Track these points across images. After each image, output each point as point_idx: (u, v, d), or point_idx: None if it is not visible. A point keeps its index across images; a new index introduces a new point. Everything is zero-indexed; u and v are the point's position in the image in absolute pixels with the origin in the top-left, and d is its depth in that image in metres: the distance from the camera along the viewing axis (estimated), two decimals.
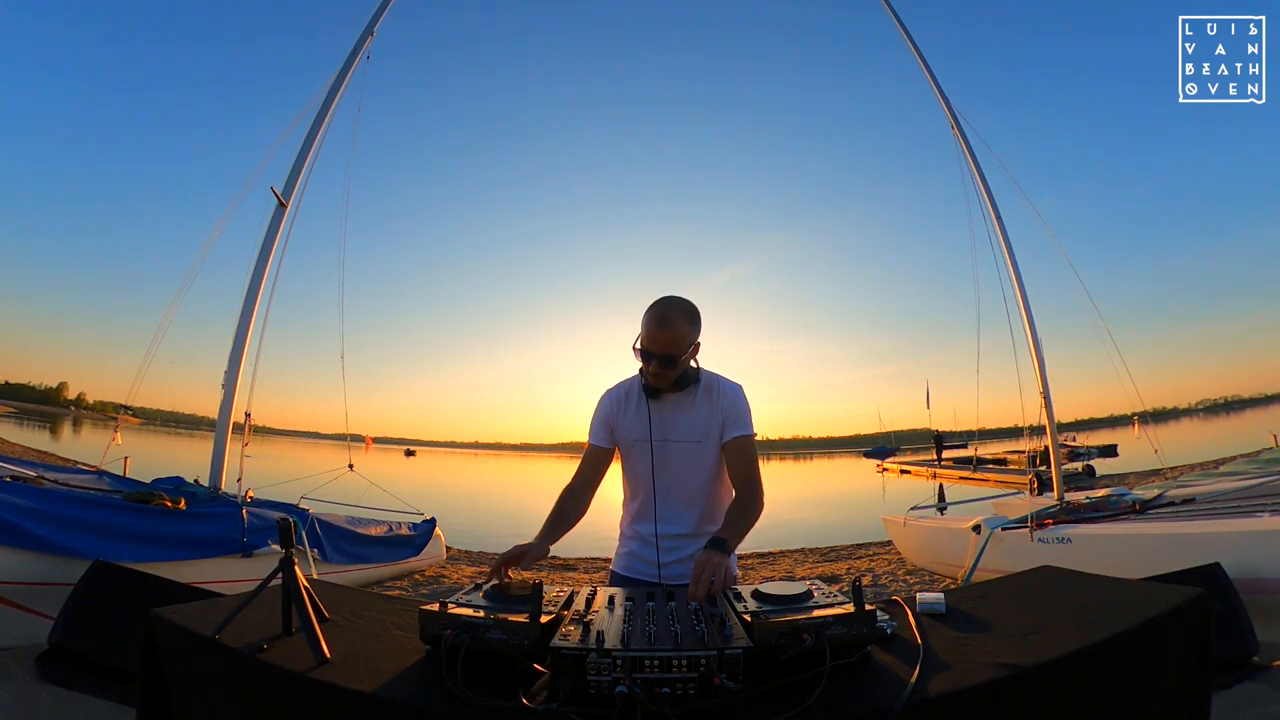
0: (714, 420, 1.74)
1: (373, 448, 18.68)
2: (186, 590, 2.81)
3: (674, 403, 1.75)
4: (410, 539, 6.59)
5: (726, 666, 1.00)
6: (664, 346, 1.64)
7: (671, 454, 1.75)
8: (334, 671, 1.14)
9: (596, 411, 1.84)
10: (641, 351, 1.67)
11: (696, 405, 1.74)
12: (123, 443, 5.46)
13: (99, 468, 5.11)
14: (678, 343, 1.64)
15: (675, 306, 1.67)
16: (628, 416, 1.79)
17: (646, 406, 1.75)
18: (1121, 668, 1.21)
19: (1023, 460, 17.43)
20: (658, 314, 1.65)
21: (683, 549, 1.77)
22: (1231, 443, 18.81)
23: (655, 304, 1.68)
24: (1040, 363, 5.68)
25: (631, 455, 1.80)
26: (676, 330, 1.64)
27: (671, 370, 1.67)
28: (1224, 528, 3.55)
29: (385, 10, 6.17)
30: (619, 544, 1.91)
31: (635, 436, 1.77)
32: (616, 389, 1.84)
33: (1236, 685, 2.60)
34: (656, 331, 1.64)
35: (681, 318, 1.66)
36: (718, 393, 1.75)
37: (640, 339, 1.68)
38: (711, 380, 1.77)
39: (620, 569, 1.88)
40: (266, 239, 5.13)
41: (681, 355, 1.66)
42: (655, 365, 1.65)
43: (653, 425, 1.75)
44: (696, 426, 1.74)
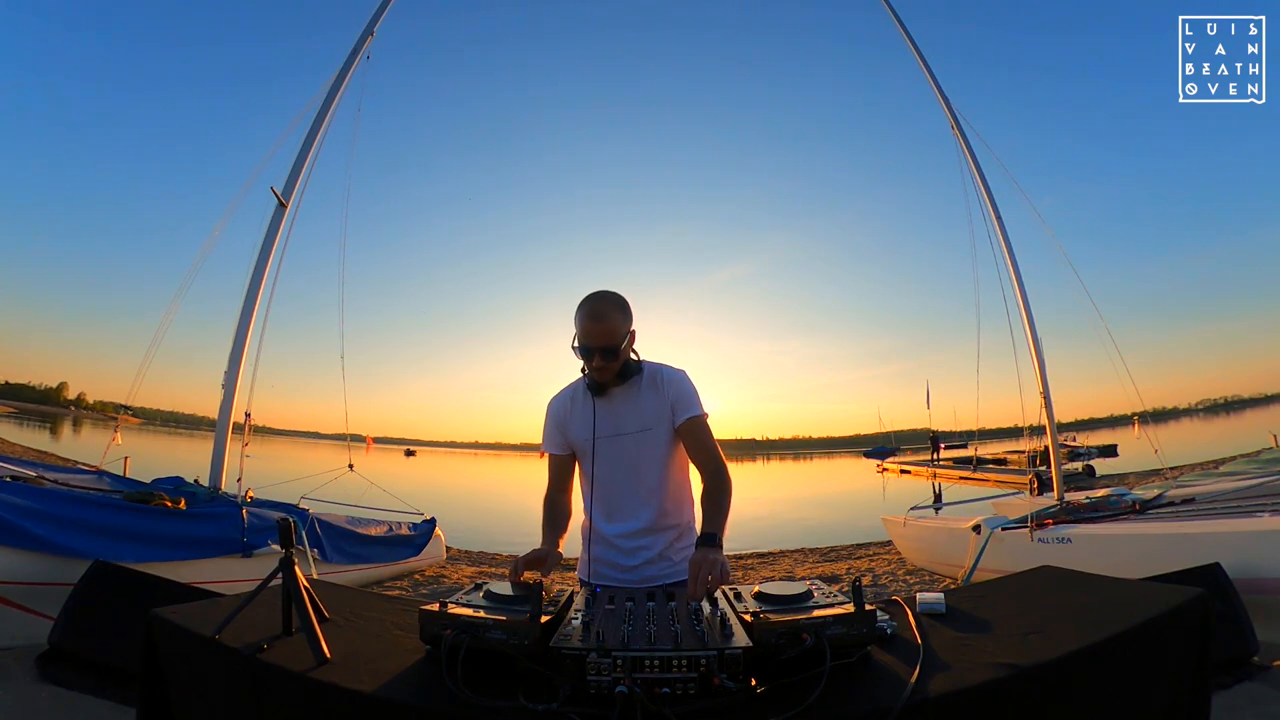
0: (662, 407, 1.74)
1: (373, 448, 18.66)
2: (186, 590, 2.81)
3: (619, 396, 1.75)
4: (410, 539, 6.59)
5: (726, 666, 1.00)
6: (601, 339, 1.64)
7: (625, 447, 1.74)
8: (334, 671, 1.14)
9: (546, 420, 1.84)
10: (581, 349, 1.68)
11: (642, 395, 1.75)
12: (123, 443, 5.46)
13: (99, 468, 5.11)
14: (614, 334, 1.65)
15: (605, 299, 1.68)
16: (575, 417, 1.79)
17: (592, 403, 1.75)
18: (1121, 668, 1.20)
19: (1023, 460, 17.43)
20: (590, 309, 1.66)
21: (649, 547, 1.75)
22: (1231, 443, 18.81)
23: (585, 300, 1.69)
24: (1040, 363, 5.68)
25: (585, 456, 1.79)
26: (610, 321, 1.65)
27: (614, 362, 1.67)
28: (1224, 528, 3.55)
29: (385, 10, 6.17)
30: (582, 550, 1.88)
31: (583, 434, 1.77)
32: (562, 394, 1.85)
33: (1236, 685, 2.60)
34: (592, 325, 1.65)
35: (613, 308, 1.67)
36: (661, 380, 1.76)
37: (576, 337, 1.68)
38: (654, 369, 1.77)
39: (585, 575, 1.84)
40: (266, 239, 5.12)
41: (620, 345, 1.67)
42: (598, 359, 1.66)
43: (602, 420, 1.74)
44: (645, 415, 1.74)
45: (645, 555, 1.75)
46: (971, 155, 6.26)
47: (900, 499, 11.25)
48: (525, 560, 1.47)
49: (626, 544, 1.76)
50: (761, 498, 22.80)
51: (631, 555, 1.76)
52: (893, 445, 54.56)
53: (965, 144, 6.30)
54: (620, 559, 1.77)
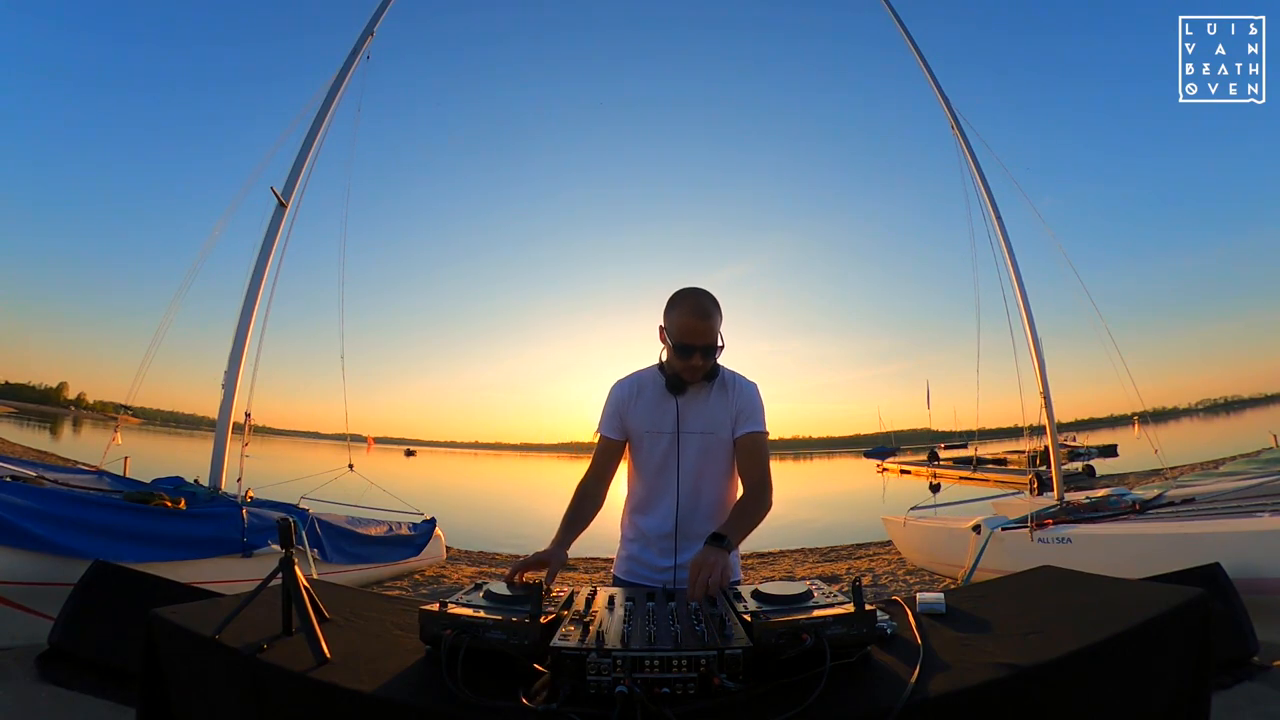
0: (727, 414, 1.72)
1: (374, 448, 18.63)
2: (186, 590, 2.81)
3: (691, 396, 1.73)
4: (410, 539, 6.59)
5: (726, 666, 1.00)
6: (705, 337, 1.63)
7: (686, 447, 1.72)
8: (334, 671, 1.13)
9: (608, 402, 1.80)
10: (681, 346, 1.64)
11: (712, 398, 1.73)
12: (123, 443, 5.46)
13: (99, 468, 5.12)
14: (715, 333, 1.64)
15: (707, 297, 1.66)
16: (641, 408, 1.76)
17: (672, 400, 1.72)
18: (1121, 668, 1.20)
19: (1023, 460, 17.45)
20: (694, 305, 1.64)
21: (692, 546, 1.71)
22: (1231, 443, 18.81)
23: (686, 295, 1.66)
24: (1040, 363, 5.68)
25: (642, 448, 1.76)
26: (714, 320, 1.64)
27: (711, 360, 1.66)
28: (1224, 528, 3.55)
29: (385, 10, 6.17)
30: (620, 547, 1.86)
31: (650, 427, 1.74)
32: (628, 380, 1.80)
33: (1236, 685, 2.60)
34: (697, 323, 1.62)
35: (715, 308, 1.66)
36: (734, 388, 1.74)
37: (673, 332, 1.65)
38: (729, 375, 1.76)
39: (623, 574, 1.81)
40: (266, 239, 5.13)
41: (718, 345, 1.66)
42: (699, 358, 1.63)
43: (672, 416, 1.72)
44: (711, 419, 1.72)
45: (684, 557, 1.72)
46: (971, 155, 6.26)
47: (900, 499, 11.26)
48: (525, 563, 1.44)
49: (664, 543, 1.74)
50: None
51: (666, 555, 1.73)
52: (893, 445, 54.54)
53: (965, 144, 6.31)
54: (654, 558, 1.75)
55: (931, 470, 24.52)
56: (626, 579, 1.80)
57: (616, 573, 1.86)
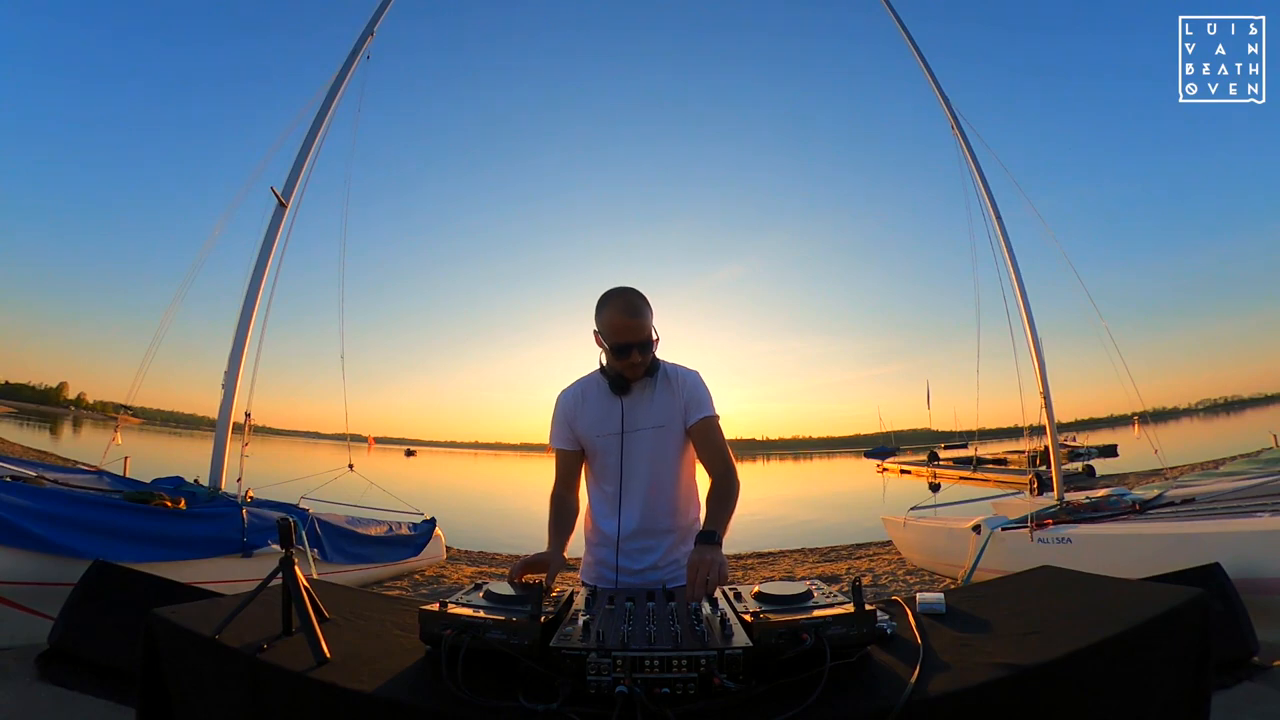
0: (676, 406, 1.74)
1: (374, 448, 18.65)
2: (186, 590, 2.81)
3: (636, 393, 1.74)
4: (410, 539, 6.59)
5: (726, 666, 1.00)
6: (639, 334, 1.64)
7: (638, 443, 1.73)
8: (334, 671, 1.14)
9: (555, 414, 1.81)
10: (616, 346, 1.65)
11: (658, 393, 1.74)
12: (123, 443, 5.46)
13: (99, 468, 5.11)
14: (647, 328, 1.66)
15: (635, 294, 1.67)
16: (588, 414, 1.77)
17: (617, 401, 1.73)
18: (1121, 667, 1.20)
19: (1023, 460, 17.44)
20: (622, 304, 1.65)
21: (655, 549, 1.74)
22: (1231, 443, 18.81)
23: (613, 296, 1.67)
24: (1040, 363, 5.68)
25: (596, 453, 1.77)
26: (643, 316, 1.65)
27: (649, 355, 1.67)
28: (1224, 528, 3.55)
29: (385, 10, 6.17)
30: (586, 552, 1.86)
31: (599, 431, 1.75)
32: (572, 388, 1.82)
33: (1236, 685, 2.60)
34: (627, 321, 1.63)
35: (643, 303, 1.67)
36: (677, 379, 1.75)
37: (606, 334, 1.66)
38: (669, 368, 1.77)
39: (590, 579, 1.80)
40: (266, 239, 5.13)
41: (652, 340, 1.67)
42: (636, 354, 1.64)
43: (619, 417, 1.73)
44: (660, 413, 1.73)
45: (651, 558, 1.74)
46: (971, 155, 6.26)
47: (900, 499, 11.26)
48: (526, 563, 1.44)
49: (633, 545, 1.74)
50: (761, 498, 22.79)
51: (637, 558, 1.74)
52: (893, 445, 54.55)
53: (965, 144, 6.31)
54: (625, 561, 1.74)
55: (931, 470, 24.52)
56: (594, 584, 1.77)
57: (584, 578, 1.84)
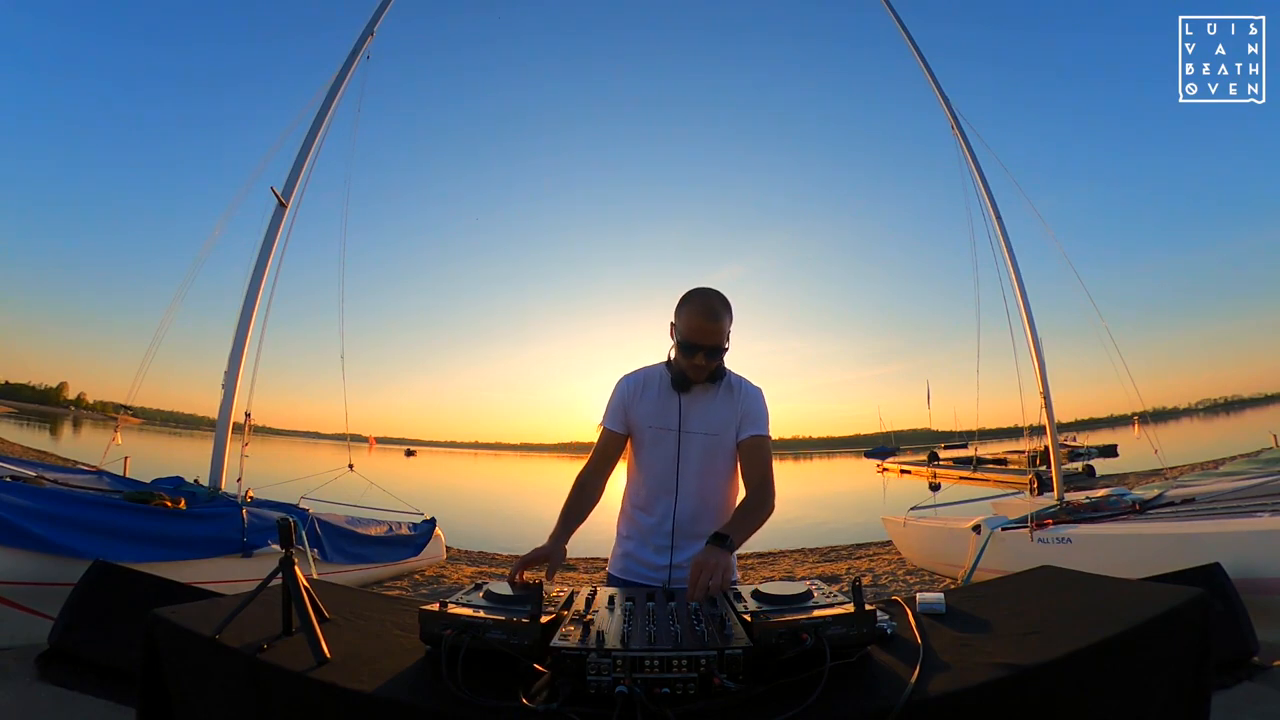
0: (733, 416, 1.74)
1: (375, 448, 18.64)
2: (186, 590, 2.81)
3: (697, 395, 1.74)
4: (410, 539, 6.59)
5: (726, 666, 1.00)
6: (712, 338, 1.64)
7: (688, 445, 1.73)
8: (334, 671, 1.13)
9: (613, 396, 1.80)
10: (686, 345, 1.65)
11: (718, 400, 1.74)
12: (123, 443, 5.46)
13: (99, 468, 5.11)
14: (722, 334, 1.65)
15: (717, 298, 1.67)
16: (645, 404, 1.76)
17: (675, 397, 1.73)
18: (1121, 668, 1.20)
19: (1023, 460, 17.45)
20: (703, 306, 1.65)
21: (690, 547, 1.73)
22: (1231, 443, 18.80)
23: (696, 295, 1.67)
24: (1040, 363, 5.68)
25: (645, 444, 1.77)
26: (722, 321, 1.64)
27: (717, 361, 1.67)
28: (1224, 528, 3.55)
29: (385, 10, 6.18)
30: (616, 544, 1.87)
31: (653, 424, 1.75)
32: (635, 375, 1.81)
33: (1236, 685, 2.60)
34: (705, 323, 1.63)
35: (724, 309, 1.66)
36: (740, 391, 1.76)
37: (681, 330, 1.66)
38: (735, 379, 1.78)
39: (618, 572, 1.81)
40: (266, 239, 5.13)
41: (725, 347, 1.67)
42: (703, 357, 1.64)
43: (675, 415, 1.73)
44: (716, 420, 1.73)
45: (678, 557, 1.73)
46: (971, 155, 6.26)
47: (900, 499, 11.26)
48: (525, 561, 1.44)
49: (661, 540, 1.74)
50: None
51: (662, 553, 1.74)
52: (893, 445, 54.55)
53: (965, 144, 6.31)
54: (651, 556, 1.75)
55: (931, 470, 24.53)
56: (622, 576, 1.80)
57: (612, 570, 1.86)
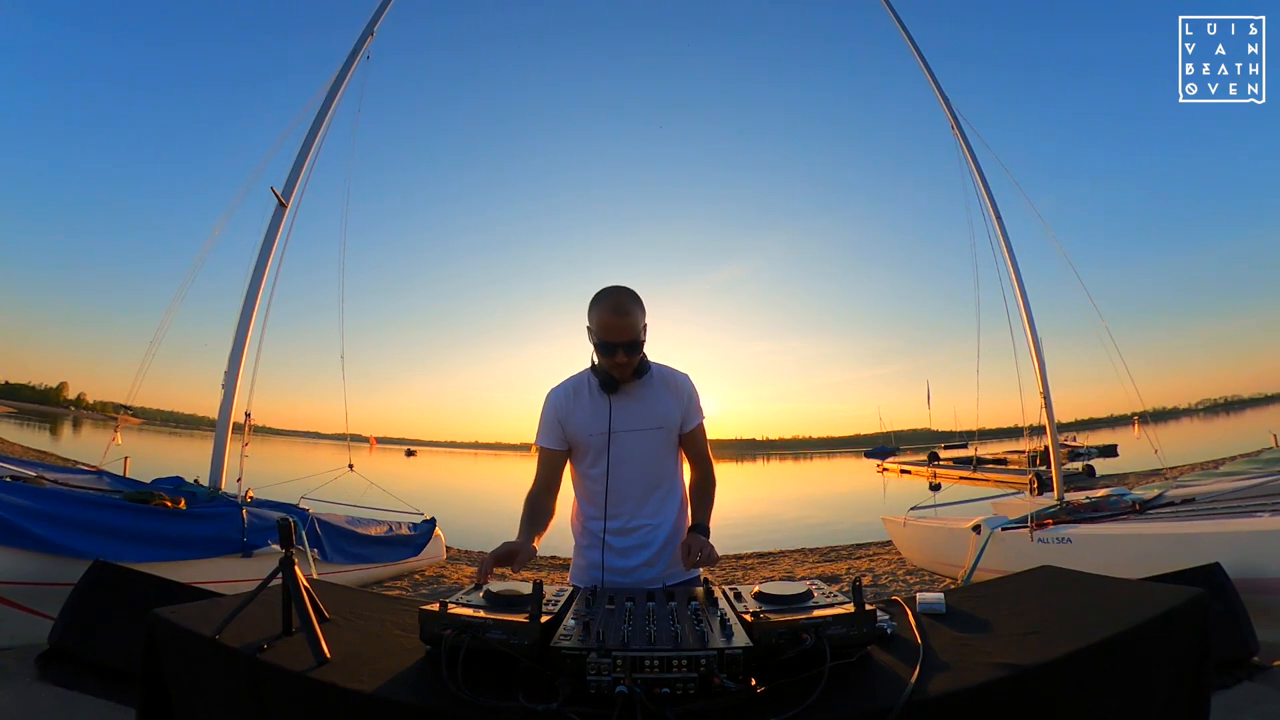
0: (672, 408, 1.76)
1: (376, 448, 18.62)
2: (186, 590, 2.81)
3: (630, 393, 1.73)
4: (410, 539, 6.59)
5: (726, 666, 1.00)
6: (625, 334, 1.63)
7: (631, 443, 1.72)
8: (334, 671, 1.14)
9: (545, 412, 1.78)
10: (604, 344, 1.65)
11: (652, 394, 1.74)
12: (123, 443, 5.46)
13: (99, 468, 5.11)
14: (636, 328, 1.65)
15: (625, 293, 1.67)
16: (579, 412, 1.75)
17: (606, 400, 1.72)
18: (1121, 667, 1.20)
19: (1023, 460, 17.46)
20: (611, 303, 1.64)
21: (648, 545, 1.73)
22: (1231, 443, 18.81)
23: (604, 294, 1.66)
24: (1040, 363, 5.68)
25: (586, 452, 1.76)
26: (632, 316, 1.64)
27: (637, 356, 1.67)
28: (1224, 528, 3.55)
29: (385, 10, 6.17)
30: (576, 554, 1.83)
31: (591, 430, 1.73)
32: (563, 386, 1.79)
33: (1236, 685, 2.60)
34: (615, 320, 1.63)
35: (633, 303, 1.66)
36: (673, 382, 1.77)
37: (596, 333, 1.66)
38: (661, 369, 1.78)
39: (582, 583, 1.73)
40: (266, 239, 5.13)
41: (642, 340, 1.67)
42: (622, 354, 1.64)
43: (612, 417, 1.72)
44: (654, 414, 1.74)
45: (644, 555, 1.73)
46: (971, 155, 6.26)
47: (900, 499, 11.26)
48: (495, 556, 1.43)
49: (622, 542, 1.73)
50: (761, 498, 22.79)
51: (628, 555, 1.73)
52: (893, 445, 54.53)
53: (965, 144, 6.31)
54: (616, 560, 1.74)
55: (931, 470, 24.53)
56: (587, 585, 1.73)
57: (574, 581, 1.79)
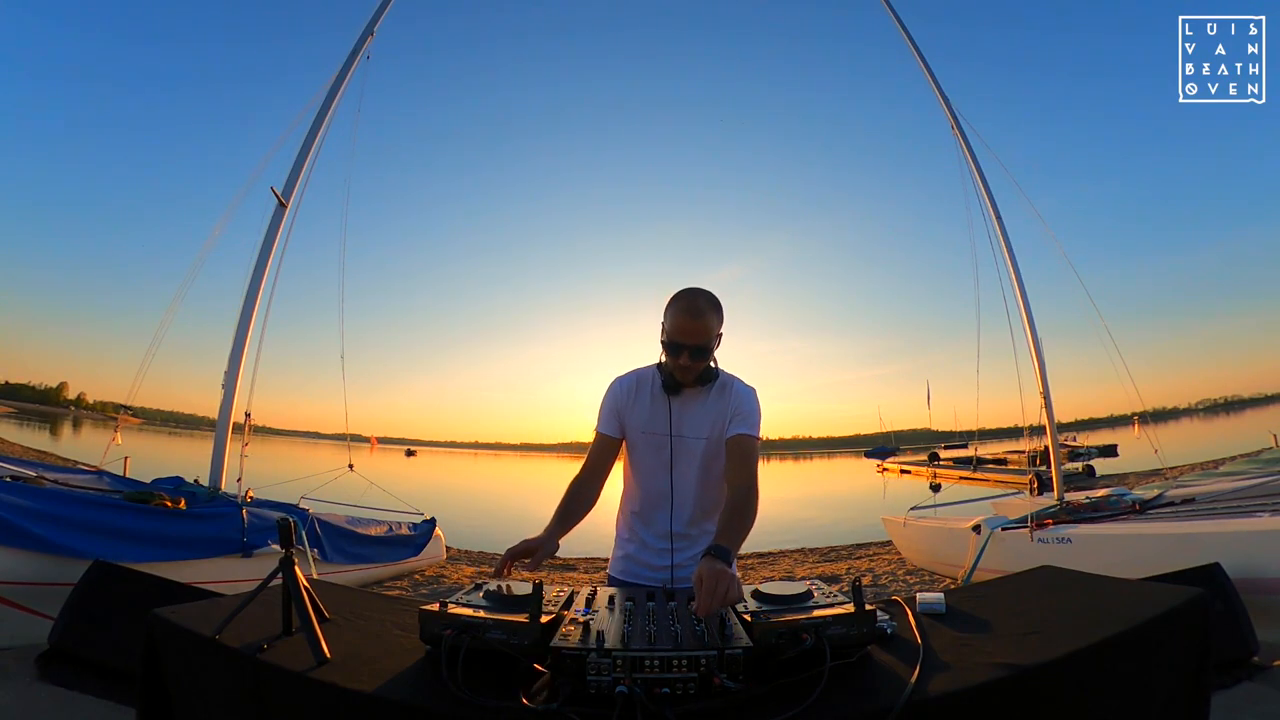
0: (724, 418, 1.71)
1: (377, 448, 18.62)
2: (186, 590, 2.81)
3: (689, 398, 1.72)
4: (410, 539, 6.59)
5: (726, 666, 1.00)
6: (696, 337, 1.61)
7: (682, 450, 1.72)
8: (334, 671, 1.13)
9: (606, 399, 1.78)
10: (671, 344, 1.63)
11: (710, 402, 1.72)
12: (123, 443, 5.47)
13: (99, 468, 5.12)
14: (708, 333, 1.63)
15: (703, 296, 1.65)
16: (639, 408, 1.75)
17: (666, 400, 1.71)
18: (1121, 668, 1.20)
19: (1023, 460, 17.46)
20: (687, 304, 1.62)
21: (689, 549, 1.74)
22: (1231, 443, 18.80)
23: (682, 295, 1.65)
24: (1040, 363, 5.68)
25: (638, 449, 1.76)
26: (707, 320, 1.62)
27: (703, 361, 1.65)
28: (1224, 528, 3.56)
29: (385, 10, 6.18)
30: (616, 547, 1.86)
31: (646, 429, 1.73)
32: (627, 378, 1.78)
33: (1236, 685, 2.60)
34: (689, 322, 1.61)
35: (710, 308, 1.64)
36: (732, 392, 1.73)
37: (667, 331, 1.64)
38: (727, 379, 1.75)
39: (618, 573, 1.81)
40: (266, 239, 5.13)
41: (712, 346, 1.65)
42: (687, 357, 1.62)
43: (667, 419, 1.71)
44: (707, 423, 1.72)
45: (679, 557, 1.73)
46: (971, 155, 6.26)
47: (900, 499, 11.25)
48: (514, 552, 1.42)
49: (660, 544, 1.74)
50: (762, 497, 22.75)
51: (662, 556, 1.74)
52: (893, 445, 54.50)
53: (965, 144, 6.31)
54: (652, 559, 1.75)
55: (932, 470, 24.53)
56: (622, 578, 1.80)
57: (612, 572, 1.85)
